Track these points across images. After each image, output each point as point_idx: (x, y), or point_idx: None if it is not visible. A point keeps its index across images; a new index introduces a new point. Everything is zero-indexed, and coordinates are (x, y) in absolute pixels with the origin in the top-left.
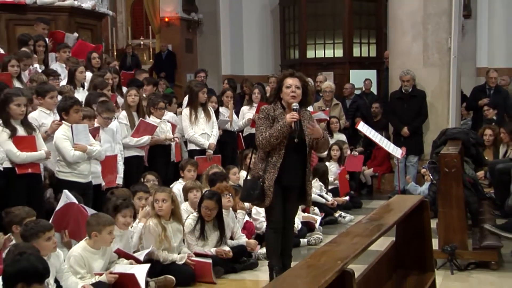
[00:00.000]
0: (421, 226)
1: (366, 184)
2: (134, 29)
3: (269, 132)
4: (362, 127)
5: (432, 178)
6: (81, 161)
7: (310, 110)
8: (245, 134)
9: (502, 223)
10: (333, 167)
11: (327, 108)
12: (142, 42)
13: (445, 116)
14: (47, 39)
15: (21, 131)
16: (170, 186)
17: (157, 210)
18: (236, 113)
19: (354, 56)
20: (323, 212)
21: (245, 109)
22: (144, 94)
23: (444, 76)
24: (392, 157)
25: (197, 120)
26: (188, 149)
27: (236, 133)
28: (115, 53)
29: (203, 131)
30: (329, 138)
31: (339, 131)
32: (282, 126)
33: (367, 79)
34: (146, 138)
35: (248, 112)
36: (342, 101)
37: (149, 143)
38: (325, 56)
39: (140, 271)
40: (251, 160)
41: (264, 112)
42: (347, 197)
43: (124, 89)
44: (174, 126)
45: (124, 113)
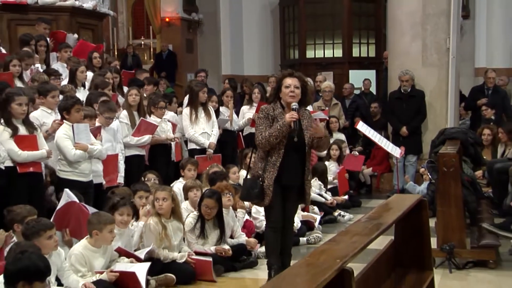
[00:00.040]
0: (420, 225)
1: (365, 183)
2: (135, 29)
3: (269, 132)
4: (361, 127)
5: (431, 178)
6: (82, 160)
7: (310, 110)
8: (245, 134)
9: (500, 222)
10: (333, 166)
11: (327, 108)
12: (143, 42)
13: (444, 116)
14: (48, 39)
15: (23, 130)
16: (171, 185)
17: (158, 209)
18: (236, 113)
19: (354, 56)
20: (323, 211)
21: (245, 109)
22: (145, 94)
23: (443, 76)
24: (391, 157)
25: (198, 120)
26: (189, 148)
27: (236, 133)
28: (116, 53)
29: (203, 131)
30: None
31: (339, 131)
32: (282, 126)
33: (366, 79)
34: (147, 138)
35: (248, 112)
36: (342, 101)
37: (150, 143)
38: (325, 56)
39: (141, 270)
40: (251, 160)
41: (264, 112)
42: (346, 196)
43: (125, 89)
44: (175, 126)
45: (125, 113)
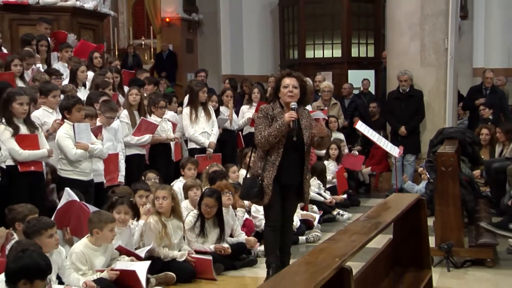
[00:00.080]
0: (418, 224)
1: (364, 183)
2: (136, 29)
3: (268, 131)
4: (360, 126)
5: (429, 177)
6: (83, 159)
7: (309, 109)
8: (245, 133)
9: (498, 221)
10: (331, 166)
11: (326, 108)
12: (143, 42)
13: (442, 116)
14: (49, 39)
15: (24, 130)
16: (171, 184)
17: (158, 207)
18: (236, 112)
19: (353, 56)
20: (322, 210)
21: (245, 108)
22: (145, 94)
23: (441, 76)
24: (390, 156)
25: (198, 119)
26: (189, 148)
27: (236, 132)
28: (117, 53)
29: (203, 130)
30: None
31: (338, 130)
32: (281, 125)
33: (365, 79)
34: (147, 137)
35: (248, 111)
36: (341, 101)
37: (150, 142)
38: (324, 56)
39: (141, 268)
40: (251, 159)
41: (263, 111)
42: (345, 195)
43: (126, 88)
44: (175, 125)
45: (126, 112)
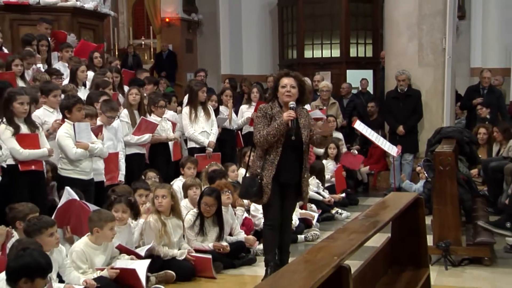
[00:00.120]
0: (416, 223)
1: (362, 182)
2: (136, 29)
3: (267, 130)
4: (359, 126)
5: (427, 176)
6: (83, 159)
7: (308, 109)
8: (244, 133)
9: (495, 220)
10: (330, 165)
11: (324, 107)
12: (143, 42)
13: (440, 115)
14: (50, 39)
15: (24, 129)
16: (171, 183)
17: (157, 206)
18: (235, 112)
19: (351, 56)
20: (320, 209)
21: (244, 108)
22: (145, 93)
23: (439, 76)
24: (388, 155)
25: (197, 119)
26: (188, 147)
27: (235, 132)
28: (117, 53)
29: (203, 130)
30: None
31: (336, 130)
32: (279, 124)
33: (364, 79)
34: (147, 136)
35: (247, 111)
36: (339, 100)
37: (150, 141)
38: (323, 56)
39: (141, 266)
40: (250, 158)
41: (262, 111)
42: (344, 194)
43: (126, 88)
44: (174, 125)
45: (126, 112)
